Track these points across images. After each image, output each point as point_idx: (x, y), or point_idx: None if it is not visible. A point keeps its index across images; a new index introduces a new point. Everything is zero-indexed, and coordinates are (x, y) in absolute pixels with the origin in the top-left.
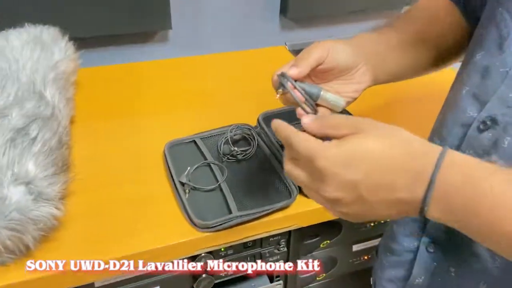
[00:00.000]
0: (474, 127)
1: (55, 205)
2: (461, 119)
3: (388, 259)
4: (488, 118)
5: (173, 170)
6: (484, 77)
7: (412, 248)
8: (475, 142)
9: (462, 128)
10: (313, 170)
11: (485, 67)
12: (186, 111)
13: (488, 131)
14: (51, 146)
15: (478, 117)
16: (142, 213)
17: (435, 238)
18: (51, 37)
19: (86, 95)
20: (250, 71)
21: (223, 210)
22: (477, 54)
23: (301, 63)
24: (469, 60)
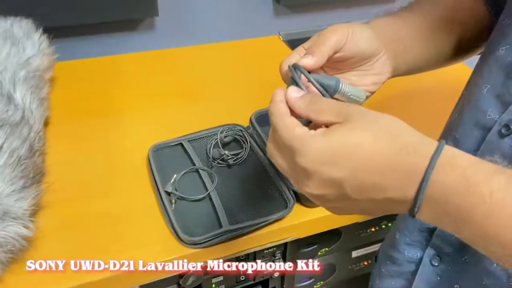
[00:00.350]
0: (495, 131)
1: (24, 223)
2: (480, 121)
3: (388, 268)
4: (511, 122)
5: (157, 177)
6: (508, 75)
7: (415, 258)
8: (495, 148)
9: (481, 131)
10: (295, 164)
11: (510, 63)
12: (172, 110)
13: (510, 136)
14: (20, 155)
15: (499, 120)
16: (123, 228)
17: (441, 250)
18: (23, 31)
19: (63, 93)
20: (241, 64)
21: (213, 223)
22: (501, 47)
23: (317, 50)
24: (491, 54)
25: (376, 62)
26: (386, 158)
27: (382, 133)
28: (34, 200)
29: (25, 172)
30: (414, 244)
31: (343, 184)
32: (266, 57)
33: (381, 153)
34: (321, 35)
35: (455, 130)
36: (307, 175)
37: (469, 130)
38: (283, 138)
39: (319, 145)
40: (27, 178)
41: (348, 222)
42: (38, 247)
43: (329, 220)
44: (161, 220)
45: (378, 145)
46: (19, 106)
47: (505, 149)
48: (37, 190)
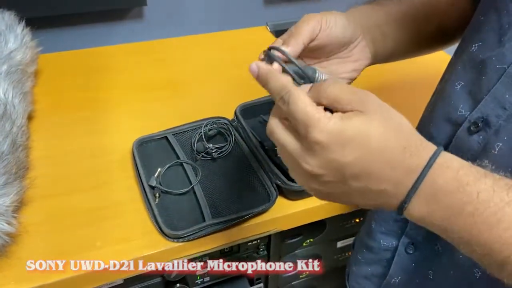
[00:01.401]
0: (464, 128)
1: (7, 220)
2: (452, 117)
3: (364, 255)
4: (480, 119)
5: (142, 171)
6: (480, 72)
7: (390, 247)
8: (464, 145)
9: (452, 126)
10: (305, 138)
11: (482, 61)
12: (158, 103)
13: (479, 133)
14: (2, 151)
15: (469, 117)
16: (107, 223)
17: (415, 239)
18: (5, 23)
19: (48, 86)
20: (228, 55)
21: (196, 217)
22: (474, 44)
23: (291, 40)
24: (465, 50)
25: (354, 49)
26: (395, 154)
27: (394, 131)
28: (16, 196)
29: (8, 167)
30: (389, 233)
31: (346, 168)
32: (252, 48)
33: (391, 149)
34: (296, 26)
35: (429, 124)
36: (314, 151)
37: (441, 125)
38: (299, 113)
39: (337, 127)
40: (9, 174)
41: (330, 215)
42: (20, 243)
43: (312, 212)
44: (145, 214)
45: (388, 142)
46: (1, 101)
47: (474, 146)
48: (20, 186)
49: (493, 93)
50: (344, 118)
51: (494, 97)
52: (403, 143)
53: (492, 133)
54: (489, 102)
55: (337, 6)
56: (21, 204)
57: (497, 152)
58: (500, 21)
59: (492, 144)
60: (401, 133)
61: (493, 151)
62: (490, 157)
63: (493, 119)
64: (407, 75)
